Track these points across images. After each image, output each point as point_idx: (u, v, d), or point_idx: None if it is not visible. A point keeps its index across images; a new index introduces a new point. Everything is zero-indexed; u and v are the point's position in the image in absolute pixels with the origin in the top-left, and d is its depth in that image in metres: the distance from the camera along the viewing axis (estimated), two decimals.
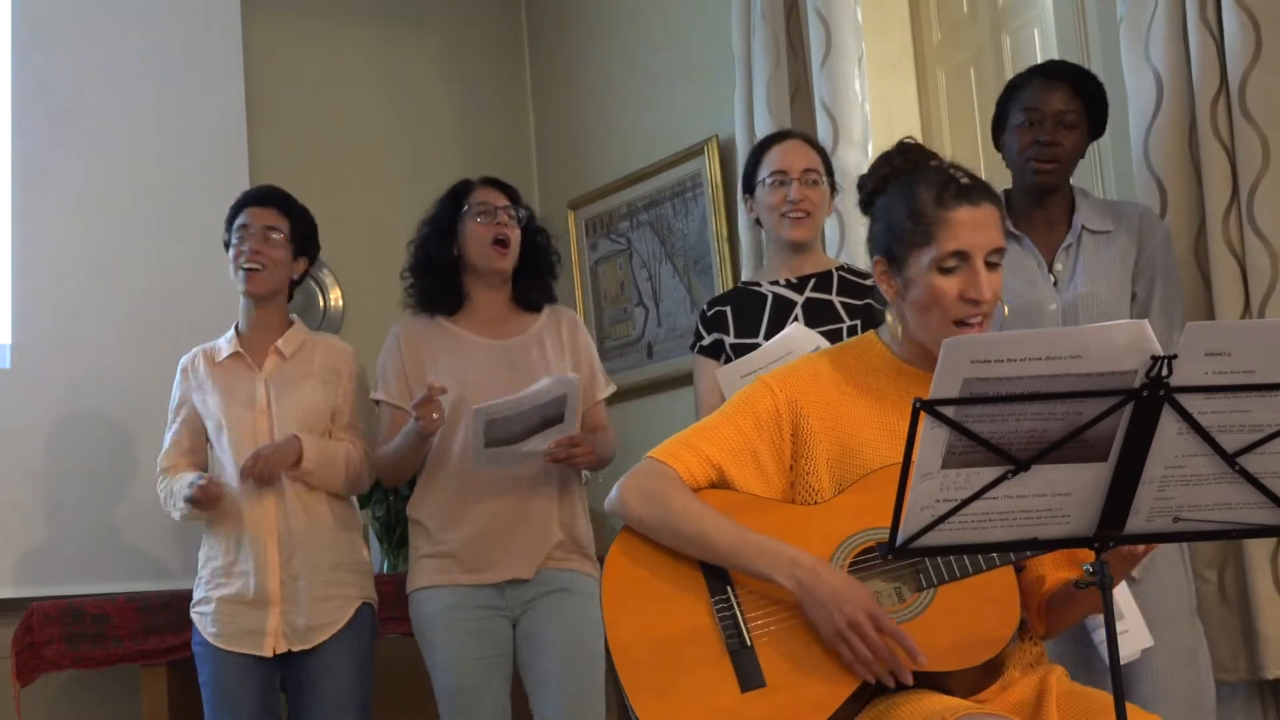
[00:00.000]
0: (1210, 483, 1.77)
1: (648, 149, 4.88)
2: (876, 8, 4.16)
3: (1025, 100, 3.02)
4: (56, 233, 4.43)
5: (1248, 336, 1.69)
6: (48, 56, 4.52)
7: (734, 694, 2.03)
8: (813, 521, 2.13)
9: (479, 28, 5.46)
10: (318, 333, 3.64)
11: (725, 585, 2.10)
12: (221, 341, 3.52)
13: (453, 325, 3.43)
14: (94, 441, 4.38)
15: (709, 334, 3.25)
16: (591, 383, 3.44)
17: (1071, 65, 3.13)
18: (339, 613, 3.36)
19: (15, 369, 4.35)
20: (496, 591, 3.30)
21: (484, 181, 3.48)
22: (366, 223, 5.11)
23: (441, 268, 3.42)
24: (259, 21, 4.94)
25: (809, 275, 3.21)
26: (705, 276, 4.65)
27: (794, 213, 3.17)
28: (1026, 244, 3.04)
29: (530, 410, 3.18)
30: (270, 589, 3.33)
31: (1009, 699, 2.08)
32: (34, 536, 4.29)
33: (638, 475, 2.19)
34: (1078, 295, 2.97)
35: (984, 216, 2.10)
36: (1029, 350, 1.68)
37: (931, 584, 2.05)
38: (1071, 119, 2.98)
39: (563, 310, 3.54)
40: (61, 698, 4.28)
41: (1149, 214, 3.07)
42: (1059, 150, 2.98)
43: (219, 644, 3.35)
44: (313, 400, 3.43)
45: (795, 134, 3.36)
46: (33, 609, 3.67)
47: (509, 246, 3.39)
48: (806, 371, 2.23)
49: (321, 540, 3.38)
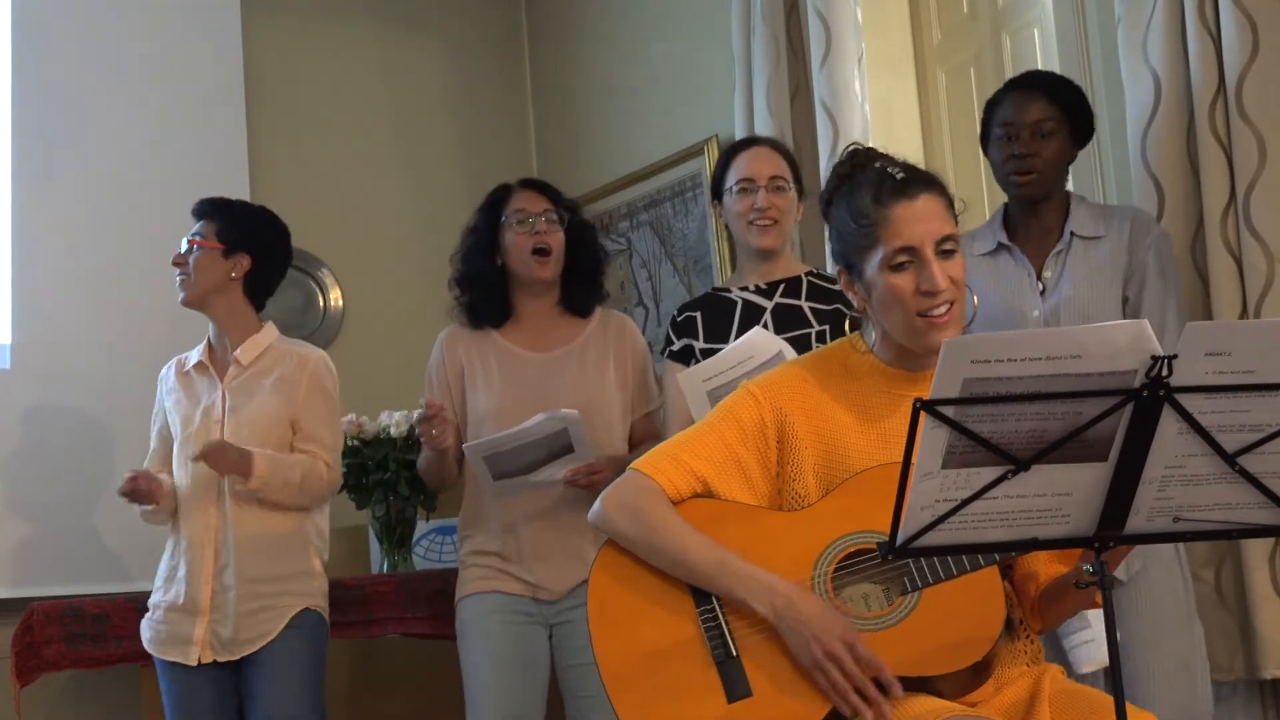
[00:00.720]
0: (1210, 483, 1.77)
1: (648, 149, 4.88)
2: (876, 8, 4.16)
3: (1001, 115, 3.05)
4: (56, 233, 4.43)
5: (1248, 336, 1.69)
6: (48, 56, 4.52)
7: (721, 704, 2.04)
8: (796, 528, 2.12)
9: (479, 28, 5.46)
10: (291, 340, 3.52)
11: (710, 596, 2.10)
12: (194, 351, 3.48)
13: (499, 337, 3.39)
14: (94, 441, 4.38)
15: (679, 339, 3.25)
16: (641, 393, 3.41)
17: (1046, 74, 3.17)
18: (268, 624, 3.29)
19: (15, 369, 4.35)
20: (532, 602, 3.29)
21: (522, 185, 3.42)
22: (366, 223, 5.12)
23: (485, 281, 3.37)
24: (259, 22, 4.94)
25: (778, 281, 3.22)
26: (705, 276, 4.65)
27: (761, 220, 3.17)
28: (1018, 254, 3.07)
29: (529, 445, 3.15)
30: (201, 598, 3.30)
31: (1002, 700, 2.08)
32: (34, 536, 4.29)
33: (621, 489, 2.18)
34: (1060, 300, 2.99)
35: (923, 208, 2.09)
36: (1029, 350, 1.68)
37: (916, 587, 2.05)
38: (1049, 127, 3.00)
39: (614, 315, 3.48)
40: (61, 698, 4.28)
41: (1141, 216, 3.07)
42: (1036, 161, 3.00)
43: (153, 650, 3.36)
44: (265, 410, 3.35)
45: (762, 141, 3.36)
46: (33, 609, 3.67)
47: (550, 254, 3.33)
48: (790, 377, 2.22)
49: (262, 552, 3.31)
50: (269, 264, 3.46)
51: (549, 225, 3.33)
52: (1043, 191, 3.03)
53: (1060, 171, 3.06)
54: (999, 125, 3.05)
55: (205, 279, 3.38)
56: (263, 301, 3.50)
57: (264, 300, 3.50)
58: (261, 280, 3.46)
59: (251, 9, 4.88)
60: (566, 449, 3.17)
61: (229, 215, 3.44)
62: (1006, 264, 3.06)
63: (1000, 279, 3.06)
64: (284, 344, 3.47)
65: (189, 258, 3.39)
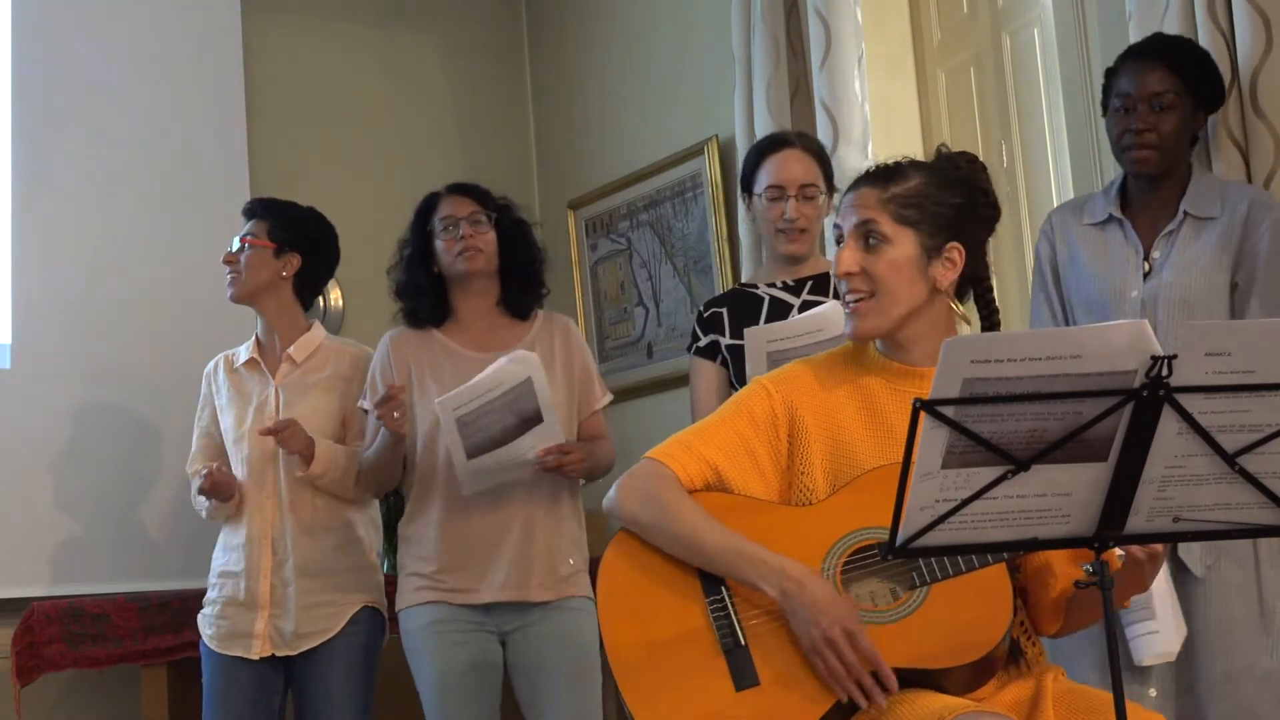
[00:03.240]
0: (1210, 483, 1.77)
1: (648, 149, 4.88)
2: (876, 8, 4.16)
3: (1119, 86, 2.92)
4: (56, 233, 4.43)
5: (1248, 336, 1.69)
6: (48, 56, 4.52)
7: (729, 693, 2.04)
8: (807, 523, 2.13)
9: (479, 28, 5.46)
10: (337, 338, 3.61)
11: (720, 585, 2.11)
12: (241, 348, 3.53)
13: (443, 337, 3.38)
14: (93, 441, 4.38)
15: (705, 335, 3.25)
16: (587, 392, 3.40)
17: (1168, 40, 2.99)
18: (330, 620, 3.34)
19: (15, 369, 4.35)
20: (480, 611, 3.25)
21: (449, 190, 3.43)
22: (366, 223, 5.10)
23: (421, 288, 3.38)
24: (259, 21, 4.94)
25: (806, 278, 3.22)
26: (705, 276, 4.65)
27: (790, 230, 3.16)
28: (1128, 230, 2.95)
29: (497, 402, 3.11)
30: (260, 592, 3.33)
31: (1005, 699, 2.07)
32: (34, 536, 4.28)
33: (635, 476, 2.19)
34: (1161, 284, 2.87)
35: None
36: (1029, 350, 1.68)
37: (924, 582, 2.06)
38: (1169, 100, 2.87)
39: (556, 317, 3.47)
40: (61, 698, 4.28)
41: (1261, 198, 2.88)
42: (1152, 136, 2.88)
43: (214, 646, 3.37)
44: (320, 407, 3.42)
45: (795, 141, 3.26)
46: (33, 609, 3.67)
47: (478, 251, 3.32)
48: (802, 373, 2.24)
49: (320, 546, 3.37)
50: (318, 263, 3.55)
51: (474, 228, 3.32)
52: (1160, 169, 2.90)
53: (1180, 146, 2.91)
54: (1116, 96, 2.92)
55: (256, 277, 3.44)
56: (311, 300, 3.59)
57: (312, 299, 3.61)
58: (310, 279, 3.54)
59: (251, 9, 4.88)
60: (532, 414, 3.12)
61: (280, 215, 3.51)
62: (1115, 238, 2.94)
63: (1105, 254, 2.94)
64: (332, 341, 3.55)
65: (240, 256, 3.44)
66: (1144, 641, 2.70)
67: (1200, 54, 2.96)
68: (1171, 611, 2.71)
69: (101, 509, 4.34)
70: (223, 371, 3.53)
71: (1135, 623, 2.71)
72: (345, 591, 3.38)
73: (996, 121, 3.99)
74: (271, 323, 3.49)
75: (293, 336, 3.48)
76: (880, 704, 1.98)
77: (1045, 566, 2.15)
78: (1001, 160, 3.94)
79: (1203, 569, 2.80)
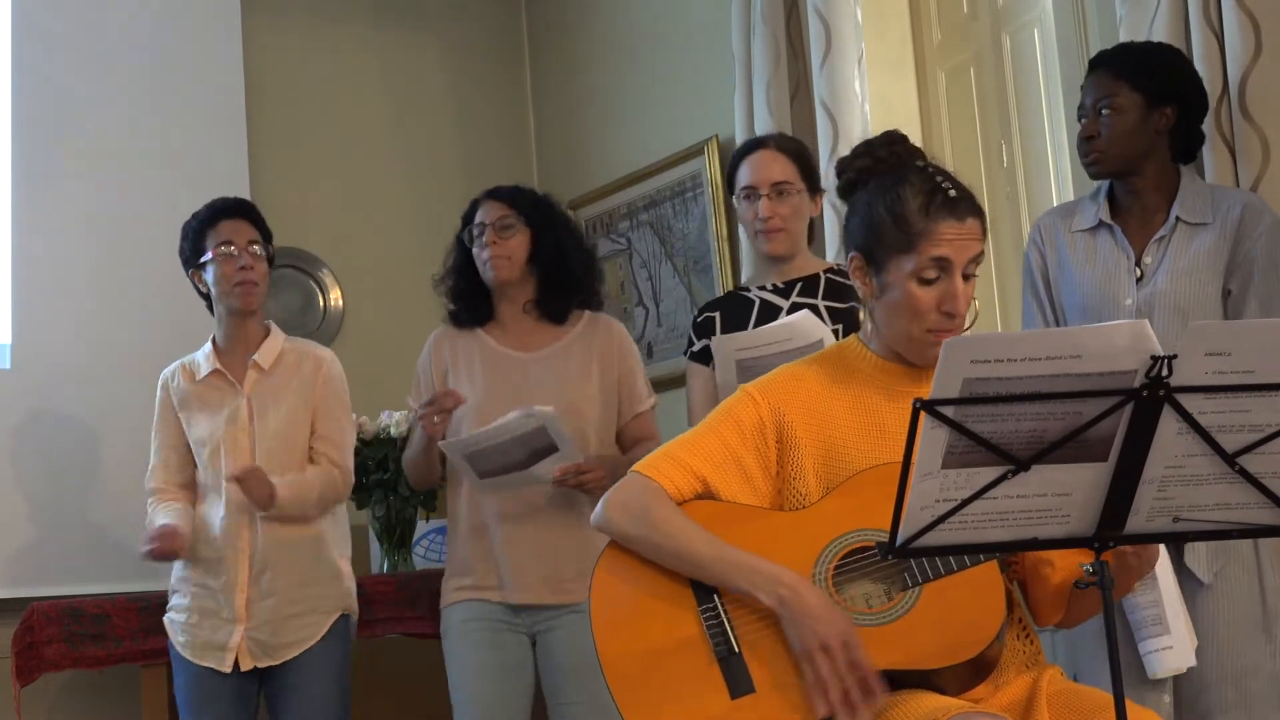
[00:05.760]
0: (1210, 483, 1.77)
1: (648, 149, 4.88)
2: (876, 8, 4.16)
3: (1081, 102, 2.98)
4: (56, 233, 4.43)
5: (1248, 336, 1.69)
6: (48, 56, 4.52)
7: (724, 701, 2.04)
8: (797, 527, 2.13)
9: (479, 28, 5.46)
10: (294, 339, 3.53)
11: (712, 594, 2.10)
12: (199, 357, 3.45)
13: (485, 336, 3.41)
14: (94, 441, 4.38)
15: (698, 340, 3.25)
16: (629, 396, 3.40)
17: (1115, 49, 3.03)
18: (313, 628, 3.33)
19: (15, 369, 4.35)
20: (511, 610, 3.29)
21: (486, 195, 3.43)
22: (366, 223, 5.12)
23: (461, 293, 3.43)
24: (259, 21, 4.94)
25: (795, 280, 3.22)
26: (705, 277, 4.65)
27: (765, 229, 3.16)
28: (1119, 235, 2.95)
29: (509, 443, 3.15)
30: (237, 606, 3.30)
31: (1000, 699, 2.07)
32: (34, 536, 4.29)
33: (622, 490, 2.18)
34: (1155, 291, 2.87)
35: (968, 230, 2.10)
36: (1029, 350, 1.68)
37: (917, 582, 2.05)
38: (1118, 103, 2.89)
39: (600, 319, 3.45)
40: (61, 698, 4.28)
41: (1254, 203, 2.89)
42: (1098, 141, 2.92)
43: (186, 655, 3.35)
44: (293, 414, 3.38)
45: (768, 143, 3.26)
46: (33, 609, 3.67)
47: (504, 259, 3.34)
48: (788, 377, 2.23)
49: (295, 557, 3.34)
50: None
51: (499, 235, 3.33)
52: (1113, 168, 2.92)
53: (1135, 145, 2.91)
54: (1078, 111, 2.98)
55: (266, 286, 3.42)
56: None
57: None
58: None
59: (251, 9, 4.88)
60: (549, 448, 3.17)
61: (260, 216, 3.47)
62: (1105, 244, 2.95)
63: (1097, 260, 2.95)
64: (292, 344, 3.49)
65: (259, 263, 3.39)
66: (1159, 657, 2.70)
67: (1148, 53, 2.97)
68: (1184, 623, 2.71)
69: (102, 509, 4.33)
70: (184, 382, 3.43)
71: (1149, 638, 2.71)
72: (324, 600, 3.36)
73: (996, 121, 3.99)
74: (248, 333, 3.42)
75: (256, 341, 3.43)
76: (865, 718, 1.97)
77: (1042, 558, 2.14)
78: (1001, 160, 3.94)
79: (1209, 576, 2.79)
